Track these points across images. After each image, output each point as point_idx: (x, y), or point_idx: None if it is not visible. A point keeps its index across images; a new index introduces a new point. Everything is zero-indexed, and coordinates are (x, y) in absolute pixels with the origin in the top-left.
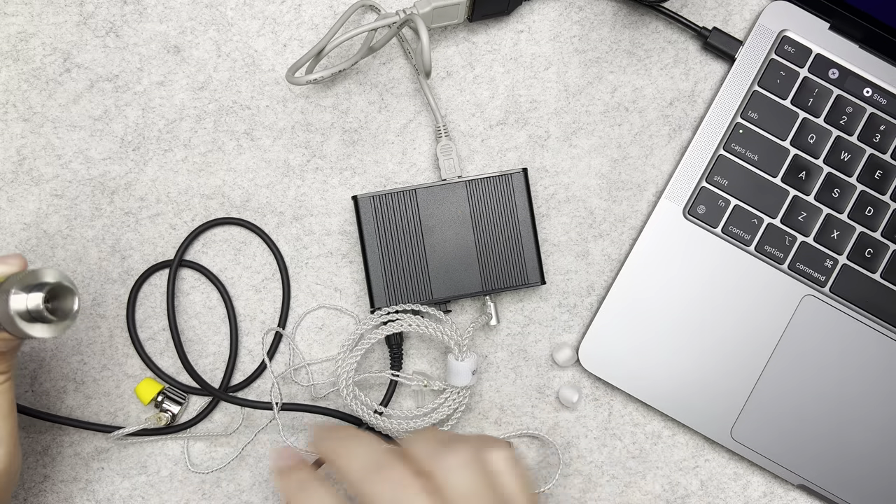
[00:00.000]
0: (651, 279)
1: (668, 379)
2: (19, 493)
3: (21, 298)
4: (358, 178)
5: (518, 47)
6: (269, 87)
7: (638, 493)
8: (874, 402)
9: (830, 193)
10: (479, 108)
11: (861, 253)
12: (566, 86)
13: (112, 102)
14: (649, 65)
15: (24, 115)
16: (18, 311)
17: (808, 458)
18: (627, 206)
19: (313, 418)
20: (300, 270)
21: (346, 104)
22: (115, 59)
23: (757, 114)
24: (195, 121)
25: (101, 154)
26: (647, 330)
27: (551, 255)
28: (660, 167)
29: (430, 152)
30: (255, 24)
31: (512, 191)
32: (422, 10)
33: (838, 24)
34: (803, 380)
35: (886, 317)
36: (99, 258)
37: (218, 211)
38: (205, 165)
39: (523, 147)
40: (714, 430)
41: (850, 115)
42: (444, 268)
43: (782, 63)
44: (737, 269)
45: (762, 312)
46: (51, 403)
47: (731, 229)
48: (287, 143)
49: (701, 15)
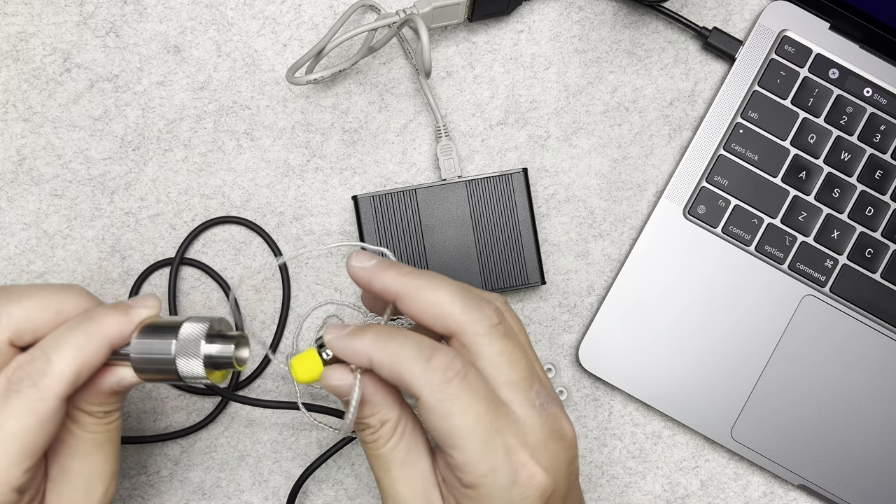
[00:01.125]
0: (651, 279)
1: (669, 379)
2: None
3: (212, 347)
4: (358, 178)
5: (518, 47)
6: (269, 87)
7: (638, 493)
8: (874, 402)
9: (831, 193)
10: (479, 108)
11: (861, 253)
12: (566, 86)
13: (112, 102)
14: (649, 65)
15: (24, 115)
16: (209, 354)
17: (808, 458)
18: (627, 206)
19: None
20: (300, 270)
21: (346, 104)
22: (115, 59)
23: (757, 114)
24: (195, 121)
25: (101, 154)
26: (648, 330)
27: (551, 255)
28: (660, 167)
29: (430, 152)
30: (256, 23)
31: (512, 191)
32: (422, 9)
33: (839, 24)
34: (803, 380)
35: (886, 317)
36: (99, 258)
37: (218, 211)
38: (205, 165)
39: (523, 147)
40: (714, 430)
41: (850, 115)
42: (444, 268)
43: (782, 63)
44: (737, 269)
45: (762, 312)
46: None
47: (732, 229)
48: (287, 143)
49: (701, 15)
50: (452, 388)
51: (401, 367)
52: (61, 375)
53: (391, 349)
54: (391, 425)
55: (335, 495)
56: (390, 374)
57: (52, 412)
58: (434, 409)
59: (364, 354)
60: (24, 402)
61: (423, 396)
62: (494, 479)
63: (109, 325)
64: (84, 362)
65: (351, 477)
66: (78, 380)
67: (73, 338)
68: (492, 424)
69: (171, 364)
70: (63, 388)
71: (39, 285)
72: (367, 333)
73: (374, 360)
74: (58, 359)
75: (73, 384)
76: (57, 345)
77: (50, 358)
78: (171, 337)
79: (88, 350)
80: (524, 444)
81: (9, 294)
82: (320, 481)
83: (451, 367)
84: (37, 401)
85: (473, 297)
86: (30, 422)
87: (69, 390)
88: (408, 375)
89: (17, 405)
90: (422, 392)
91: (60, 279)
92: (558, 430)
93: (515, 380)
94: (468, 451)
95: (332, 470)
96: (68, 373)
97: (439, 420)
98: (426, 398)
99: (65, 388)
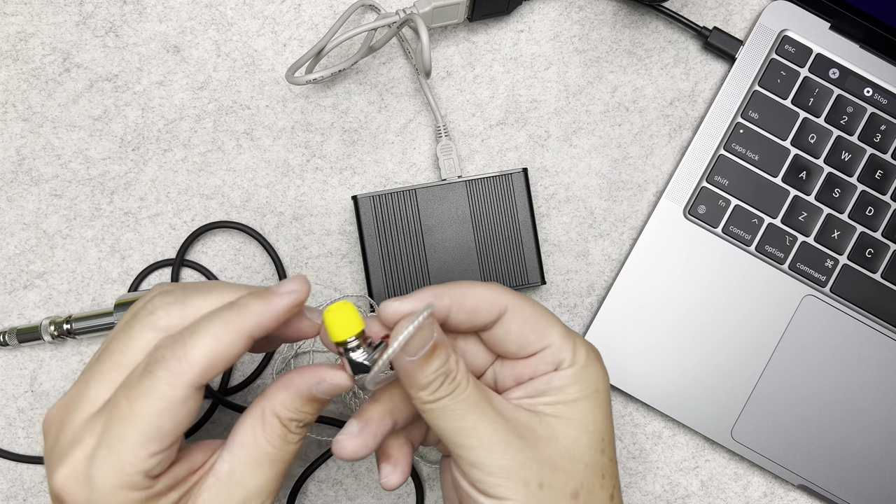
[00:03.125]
0: (651, 279)
1: (669, 379)
2: (19, 492)
3: None
4: (358, 178)
5: (518, 47)
6: (268, 87)
7: (638, 493)
8: (875, 402)
9: (831, 193)
10: (479, 108)
11: (862, 253)
12: (566, 85)
13: (111, 102)
14: (650, 64)
15: (24, 114)
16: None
17: (808, 458)
18: (628, 206)
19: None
20: (300, 270)
21: (345, 104)
22: (115, 58)
23: (757, 113)
24: (195, 120)
25: (101, 154)
26: (648, 330)
27: (551, 255)
28: (660, 167)
29: (430, 152)
30: (255, 23)
31: (512, 191)
32: (422, 9)
33: (839, 24)
34: (804, 380)
35: (887, 317)
36: (98, 258)
37: (217, 211)
38: (204, 165)
39: (523, 147)
40: (714, 430)
41: (850, 115)
42: (444, 268)
43: (783, 63)
44: (737, 269)
45: (763, 312)
46: (50, 403)
47: (732, 229)
48: (287, 142)
49: (701, 14)
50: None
51: (478, 294)
52: (194, 363)
53: (465, 286)
54: (463, 365)
55: (335, 495)
56: (476, 301)
57: (181, 398)
58: (522, 311)
59: (445, 297)
60: (156, 385)
61: (511, 306)
62: (581, 347)
63: (249, 314)
64: (219, 352)
65: (351, 477)
66: (212, 369)
67: (211, 326)
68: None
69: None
70: (195, 376)
71: (227, 283)
72: (434, 287)
73: (456, 296)
74: (193, 346)
75: (206, 373)
76: (195, 332)
77: (186, 344)
78: None
79: (225, 340)
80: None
81: (197, 285)
82: (320, 481)
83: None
84: (167, 385)
85: (499, 287)
86: (158, 405)
87: (201, 379)
88: (492, 295)
89: (148, 386)
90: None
91: (60, 279)
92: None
93: (553, 320)
94: (556, 332)
95: (332, 470)
96: (202, 361)
97: (528, 317)
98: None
99: (196, 376)
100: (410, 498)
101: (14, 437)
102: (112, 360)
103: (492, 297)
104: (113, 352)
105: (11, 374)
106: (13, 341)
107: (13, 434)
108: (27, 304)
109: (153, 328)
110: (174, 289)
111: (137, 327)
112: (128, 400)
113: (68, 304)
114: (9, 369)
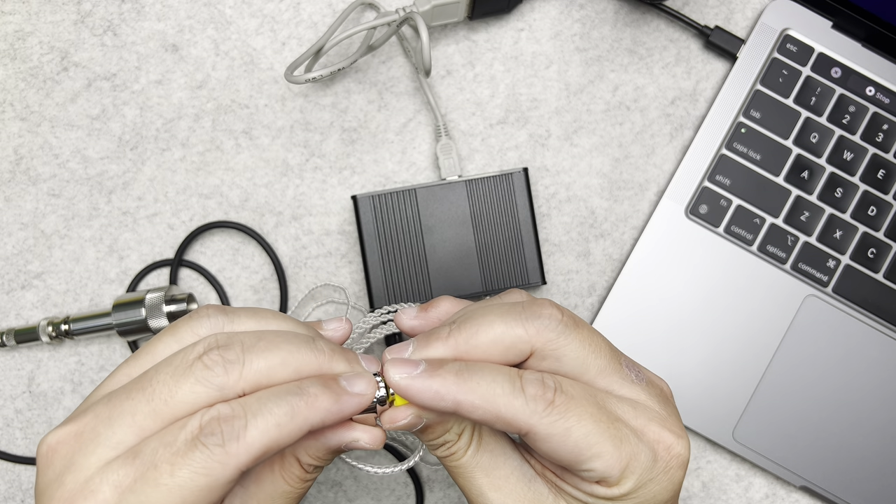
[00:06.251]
0: (653, 280)
1: (670, 379)
2: (17, 493)
3: None
4: (357, 178)
5: (519, 46)
6: (267, 86)
7: None
8: (877, 402)
9: (833, 193)
10: (479, 107)
11: (864, 253)
12: (567, 84)
13: (110, 101)
14: (651, 63)
15: (22, 114)
16: None
17: (810, 459)
18: (629, 206)
19: None
20: (299, 270)
21: (345, 103)
22: (113, 57)
23: (759, 113)
24: (193, 120)
25: (99, 153)
26: (649, 330)
27: (552, 254)
28: (661, 166)
29: (430, 151)
30: (254, 22)
31: (512, 190)
32: (421, 8)
33: (841, 23)
34: (806, 381)
35: (889, 317)
36: (96, 258)
37: (216, 210)
38: (203, 165)
39: (524, 146)
40: (716, 431)
41: (852, 115)
42: (444, 268)
43: (784, 62)
44: (739, 269)
45: (764, 313)
46: (48, 404)
47: (734, 229)
48: (286, 142)
49: (703, 13)
50: (558, 406)
51: (498, 406)
52: (251, 447)
53: (483, 390)
54: (469, 432)
55: (334, 497)
56: (485, 415)
57: (226, 480)
58: (552, 434)
59: (449, 398)
60: (207, 461)
61: (534, 428)
62: (637, 465)
63: (317, 410)
64: (279, 441)
65: (350, 479)
66: (265, 456)
67: (277, 411)
68: (609, 418)
69: None
70: (247, 461)
71: (287, 334)
72: (446, 372)
73: (464, 403)
74: (255, 428)
75: (260, 459)
76: (257, 413)
77: (248, 425)
78: None
79: (287, 429)
80: (649, 420)
81: (256, 341)
82: (319, 483)
83: (546, 387)
84: (217, 463)
85: (521, 308)
86: (204, 482)
87: (253, 464)
88: (510, 413)
89: (198, 459)
90: (531, 425)
91: (57, 280)
92: (658, 390)
93: (604, 365)
94: (603, 452)
95: (332, 472)
96: (260, 447)
97: (561, 442)
98: (538, 429)
99: (250, 461)
100: (410, 500)
101: (12, 437)
102: (150, 405)
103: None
104: (153, 396)
105: (9, 375)
106: (11, 342)
107: (11, 435)
108: (25, 304)
109: (207, 385)
110: (232, 343)
111: (190, 379)
112: (171, 466)
113: (66, 305)
114: (6, 370)
